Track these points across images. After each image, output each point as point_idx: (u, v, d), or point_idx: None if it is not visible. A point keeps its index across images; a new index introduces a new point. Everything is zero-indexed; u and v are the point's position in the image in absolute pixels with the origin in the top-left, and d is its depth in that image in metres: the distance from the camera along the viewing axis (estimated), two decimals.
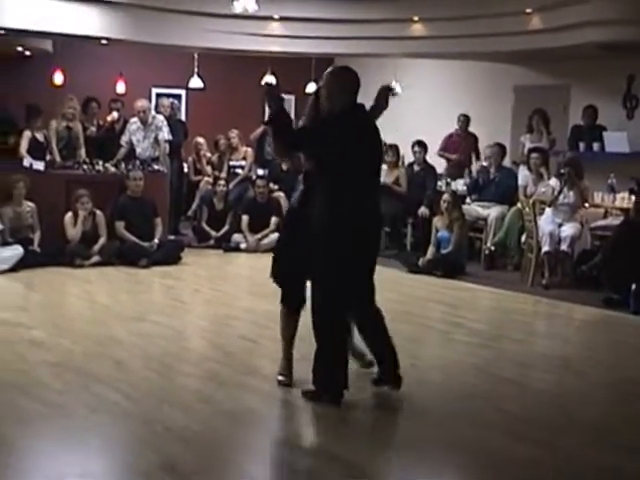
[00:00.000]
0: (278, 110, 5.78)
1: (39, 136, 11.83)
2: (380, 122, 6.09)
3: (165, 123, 12.57)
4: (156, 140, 12.38)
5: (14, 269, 10.03)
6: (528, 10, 11.73)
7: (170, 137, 12.56)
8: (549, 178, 10.85)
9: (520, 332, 8.14)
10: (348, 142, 5.68)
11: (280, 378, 5.96)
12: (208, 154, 14.04)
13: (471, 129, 13.78)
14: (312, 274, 5.72)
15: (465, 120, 13.73)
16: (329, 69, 6.04)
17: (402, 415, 5.52)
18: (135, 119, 12.48)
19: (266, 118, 6.11)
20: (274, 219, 12.39)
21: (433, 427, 5.31)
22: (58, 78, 14.61)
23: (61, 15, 11.73)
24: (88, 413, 5.29)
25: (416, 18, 12.90)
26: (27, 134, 11.76)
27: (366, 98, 5.87)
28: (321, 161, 5.77)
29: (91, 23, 12.09)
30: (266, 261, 6.19)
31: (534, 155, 11.39)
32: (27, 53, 14.74)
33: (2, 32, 12.06)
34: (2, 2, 11.29)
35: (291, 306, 5.95)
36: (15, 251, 10.20)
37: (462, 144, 13.65)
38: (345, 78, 5.93)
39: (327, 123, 5.78)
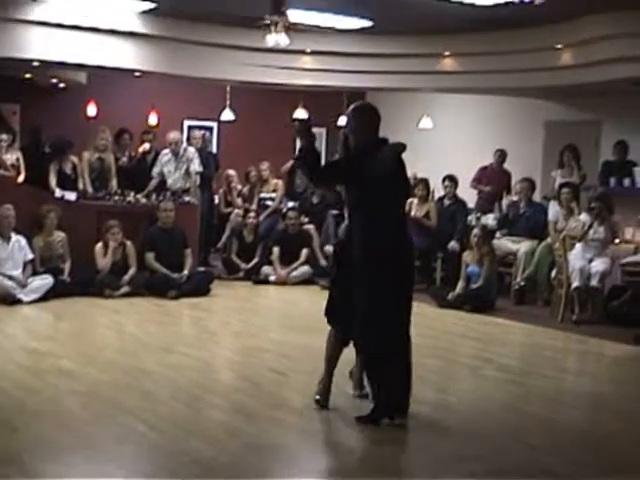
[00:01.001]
0: (307, 146, 5.92)
1: (67, 168, 11.90)
2: (410, 155, 6.12)
3: (196, 155, 12.65)
4: (187, 172, 12.45)
5: (44, 299, 10.11)
6: (559, 46, 11.73)
7: (201, 169, 12.63)
8: (580, 213, 10.81)
9: (550, 368, 8.07)
10: (373, 175, 5.77)
11: (317, 397, 6.14)
12: (239, 186, 14.09)
13: (504, 165, 13.75)
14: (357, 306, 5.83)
15: (501, 155, 13.66)
16: (351, 106, 6.17)
17: (431, 450, 5.46)
18: (167, 150, 12.57)
19: (296, 153, 6.19)
20: (305, 251, 12.42)
21: (461, 460, 5.26)
22: (91, 110, 14.76)
23: (95, 47, 11.85)
24: (115, 444, 5.29)
25: (447, 53, 12.94)
26: (54, 167, 11.85)
27: (396, 133, 5.90)
28: (350, 194, 5.93)
29: (125, 55, 12.20)
30: (296, 293, 6.21)
31: (565, 190, 11.35)
32: (61, 85, 14.90)
33: (37, 64, 12.21)
34: (37, 34, 11.42)
35: (341, 339, 6.06)
36: (45, 281, 10.27)
37: (495, 179, 13.60)
38: (365, 113, 6.10)
39: (352, 157, 5.94)
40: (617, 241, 10.56)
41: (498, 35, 12.11)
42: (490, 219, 12.57)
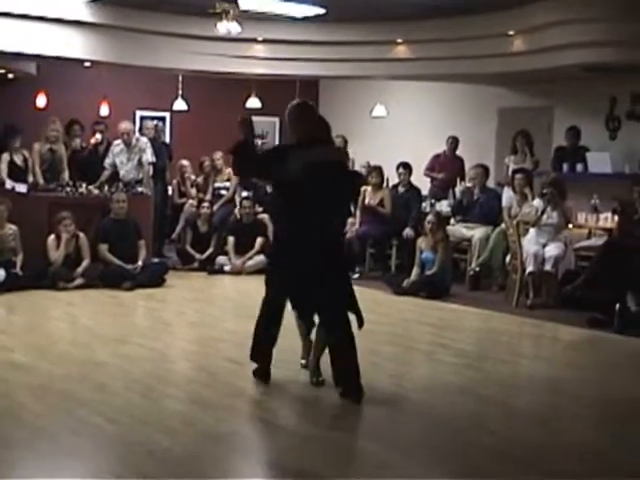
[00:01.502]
0: (243, 142, 6.24)
1: (17, 159, 11.76)
2: (364, 143, 6.18)
3: (149, 145, 12.56)
4: (140, 162, 12.37)
5: None
6: (510, 32, 11.78)
7: (154, 159, 12.54)
8: (533, 199, 10.87)
9: (506, 353, 8.11)
10: (295, 172, 5.94)
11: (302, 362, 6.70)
12: (193, 176, 14.01)
13: (458, 150, 13.79)
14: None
15: (454, 142, 13.74)
16: (291, 103, 6.48)
17: (386, 435, 5.47)
18: (119, 141, 12.46)
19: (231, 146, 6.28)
20: (259, 240, 12.36)
21: (417, 447, 5.27)
22: (41, 101, 14.58)
23: (44, 37, 11.71)
24: (70, 436, 5.23)
25: (400, 40, 12.94)
26: (5, 157, 11.70)
27: (350, 121, 5.91)
28: (273, 188, 6.48)
29: (75, 45, 12.06)
30: (250, 283, 6.21)
31: (518, 176, 11.41)
32: (10, 76, 14.70)
33: None
34: None
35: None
36: None
37: (449, 166, 13.66)
38: (297, 111, 6.39)
39: (278, 152, 6.35)
40: (570, 226, 10.63)
41: (451, 22, 12.14)
42: (444, 206, 12.62)
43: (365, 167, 13.77)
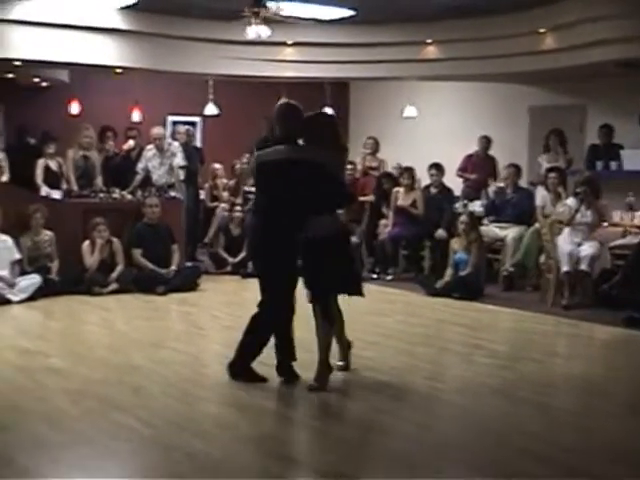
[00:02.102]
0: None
1: (53, 165, 11.89)
2: (396, 144, 6.23)
3: (180, 149, 12.61)
4: (172, 167, 12.42)
5: (33, 298, 10.06)
6: (542, 30, 11.73)
7: (185, 163, 12.58)
8: (567, 198, 10.80)
9: (540, 353, 8.06)
10: (263, 170, 6.49)
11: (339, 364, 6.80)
12: (225, 180, 14.05)
13: (489, 151, 13.74)
14: None
15: (486, 142, 13.66)
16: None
17: (420, 437, 5.46)
18: (151, 146, 12.52)
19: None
20: None
21: (452, 449, 5.26)
22: (75, 108, 14.71)
23: (76, 45, 11.83)
24: (107, 440, 5.26)
25: (429, 40, 12.93)
26: (40, 163, 11.85)
27: (381, 122, 5.92)
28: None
29: (107, 52, 12.18)
30: None
31: (552, 175, 11.36)
32: (44, 84, 14.84)
33: (19, 63, 12.15)
34: (18, 34, 11.38)
35: None
36: (33, 280, 10.22)
37: (481, 166, 13.60)
38: (279, 111, 6.61)
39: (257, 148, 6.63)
40: (605, 224, 10.55)
41: (481, 21, 12.12)
42: (477, 206, 12.57)
43: (396, 168, 13.75)
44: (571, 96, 13.62)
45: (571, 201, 10.36)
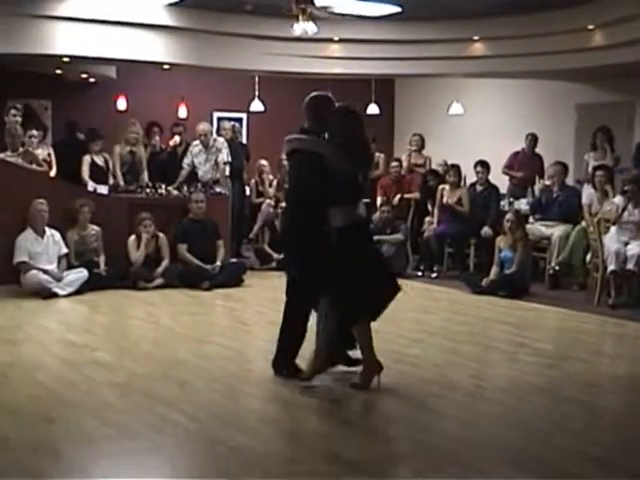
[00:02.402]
0: None
1: (99, 160, 12.02)
2: (442, 141, 6.21)
3: (225, 145, 12.66)
4: (217, 163, 12.47)
5: (79, 292, 10.17)
6: (590, 27, 11.63)
7: (229, 159, 12.62)
8: (614, 196, 10.71)
9: (586, 352, 8.00)
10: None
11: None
12: (271, 176, 14.07)
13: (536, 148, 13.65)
14: None
15: (533, 139, 13.57)
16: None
17: (465, 435, 5.44)
18: (197, 142, 12.59)
19: None
20: None
21: (497, 448, 5.23)
22: (121, 104, 14.83)
23: (124, 41, 11.91)
24: (152, 434, 5.30)
25: (476, 37, 12.87)
26: (87, 159, 11.99)
27: (427, 119, 5.90)
28: None
29: (153, 48, 12.25)
30: None
31: (599, 173, 11.25)
32: (92, 80, 14.97)
33: (67, 59, 12.27)
34: (66, 30, 11.48)
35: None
36: (80, 274, 10.32)
37: (528, 164, 13.51)
38: (304, 103, 6.72)
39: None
40: None
41: (528, 18, 12.05)
42: (523, 204, 12.50)
43: (442, 166, 13.71)
44: (619, 93, 13.49)
45: (618, 199, 10.27)
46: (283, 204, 12.94)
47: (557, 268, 11.25)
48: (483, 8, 11.87)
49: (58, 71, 14.10)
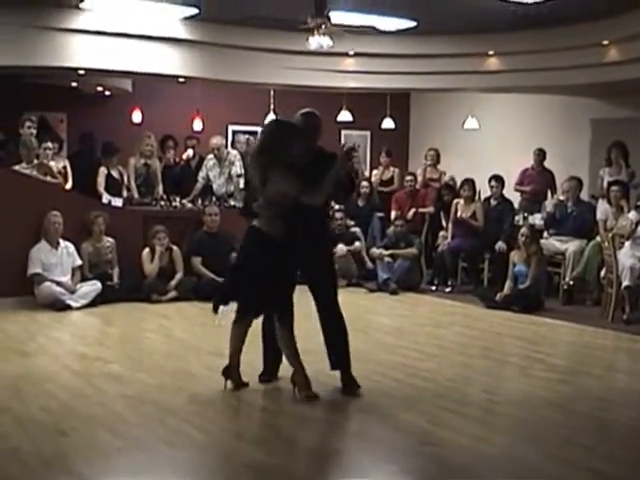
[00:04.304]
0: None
1: (114, 173, 12.07)
2: (457, 156, 6.20)
3: (238, 157, 12.70)
4: (230, 175, 12.49)
5: (93, 304, 10.19)
6: (605, 42, 11.62)
7: (242, 171, 12.62)
8: (629, 211, 10.67)
9: (600, 368, 7.98)
10: None
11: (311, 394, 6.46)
12: None
13: (549, 163, 13.60)
14: None
15: (540, 154, 13.55)
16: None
17: (478, 449, 5.41)
18: (211, 156, 12.63)
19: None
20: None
21: (511, 461, 5.21)
22: (137, 116, 14.86)
23: (140, 55, 11.95)
24: (164, 447, 5.29)
25: (491, 52, 12.86)
26: (103, 171, 12.04)
27: (442, 134, 5.89)
28: None
29: (169, 61, 12.28)
30: (341, 295, 6.28)
31: (614, 188, 11.21)
32: (107, 92, 15.02)
33: (82, 72, 12.32)
34: (82, 43, 11.52)
35: None
36: (94, 286, 10.35)
37: (537, 178, 13.48)
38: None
39: None
40: None
41: (543, 33, 12.03)
42: (537, 219, 12.46)
43: (450, 181, 13.72)
44: (634, 109, 13.45)
45: (633, 215, 10.24)
46: None
47: (571, 283, 11.21)
48: (498, 23, 11.86)
49: (74, 84, 14.15)
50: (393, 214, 13.17)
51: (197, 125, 15.18)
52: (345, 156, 6.70)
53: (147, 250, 10.98)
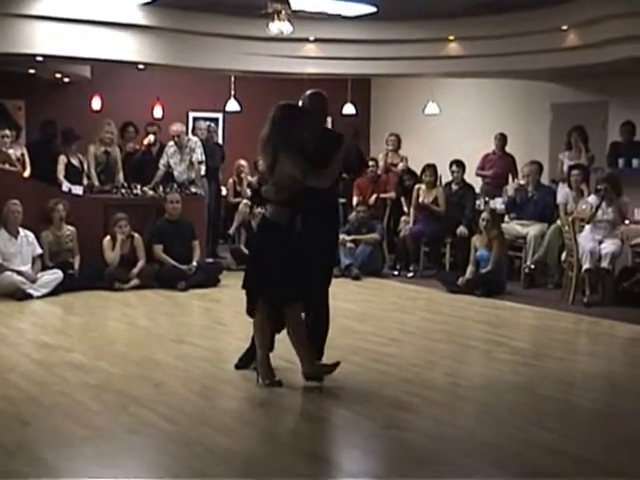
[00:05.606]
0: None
1: (74, 161, 11.95)
2: (418, 141, 6.21)
3: (199, 144, 12.63)
4: (191, 162, 12.43)
5: (54, 293, 10.10)
6: (564, 27, 11.68)
7: (203, 158, 12.57)
8: (589, 195, 10.76)
9: (562, 350, 8.05)
10: None
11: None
12: (249, 177, 14.02)
13: (510, 148, 13.68)
14: None
15: (502, 139, 13.63)
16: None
17: (443, 433, 5.44)
18: (172, 143, 12.56)
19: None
20: None
21: (474, 445, 5.24)
22: (96, 103, 14.73)
23: (99, 41, 11.84)
24: (127, 435, 5.27)
25: (452, 37, 12.89)
26: (62, 159, 11.90)
27: (403, 119, 5.91)
28: None
29: (129, 48, 12.19)
30: None
31: (575, 172, 11.30)
32: (66, 79, 14.88)
33: (40, 59, 12.19)
34: (40, 29, 11.40)
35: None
36: (55, 275, 10.26)
37: (498, 163, 13.57)
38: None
39: None
40: (627, 222, 10.51)
41: (503, 18, 12.08)
42: (498, 203, 12.53)
43: (405, 169, 13.72)
44: (593, 93, 13.55)
45: (592, 199, 10.33)
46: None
47: (532, 267, 11.29)
48: (458, 8, 11.89)
49: (32, 70, 14.01)
50: (355, 200, 13.17)
51: (157, 112, 15.07)
52: (355, 135, 6.71)
53: (108, 238, 10.90)
